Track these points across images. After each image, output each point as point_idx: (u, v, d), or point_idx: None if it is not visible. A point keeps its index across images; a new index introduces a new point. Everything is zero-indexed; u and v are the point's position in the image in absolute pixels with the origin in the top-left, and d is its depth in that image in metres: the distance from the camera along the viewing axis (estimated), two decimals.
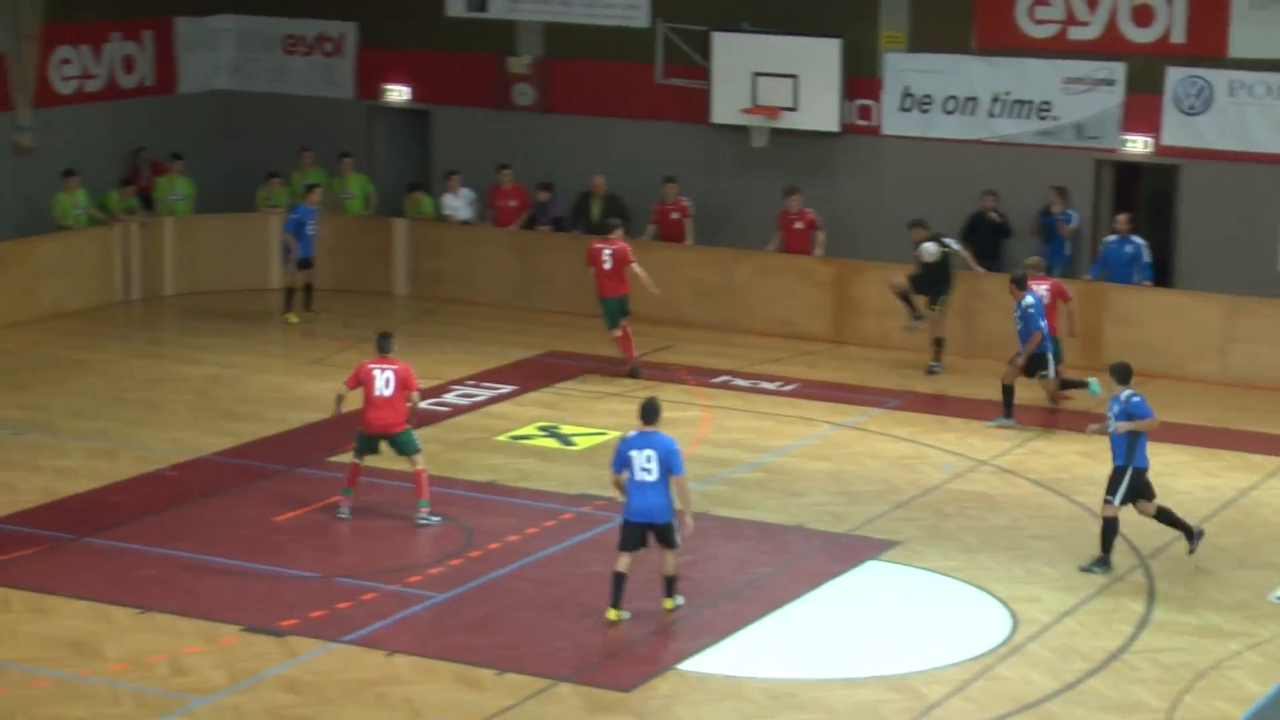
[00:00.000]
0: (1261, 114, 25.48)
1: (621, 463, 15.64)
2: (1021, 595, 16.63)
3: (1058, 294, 22.63)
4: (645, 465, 15.49)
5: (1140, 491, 17.23)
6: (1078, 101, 26.22)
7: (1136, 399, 17.29)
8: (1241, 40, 25.50)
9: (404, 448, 18.21)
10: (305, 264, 26.30)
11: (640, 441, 15.57)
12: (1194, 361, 24.36)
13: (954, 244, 24.64)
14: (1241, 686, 14.58)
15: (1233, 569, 17.38)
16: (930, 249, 23.55)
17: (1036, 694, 14.55)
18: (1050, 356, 21.94)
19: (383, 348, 18.44)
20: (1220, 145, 25.63)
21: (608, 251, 23.82)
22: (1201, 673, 14.82)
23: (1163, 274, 25.83)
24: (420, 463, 18.21)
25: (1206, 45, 25.69)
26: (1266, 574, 17.16)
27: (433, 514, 18.15)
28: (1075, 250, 26.13)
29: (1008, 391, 21.88)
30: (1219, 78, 25.59)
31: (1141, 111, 25.95)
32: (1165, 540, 18.07)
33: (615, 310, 23.71)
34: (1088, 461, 20.49)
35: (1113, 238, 25.11)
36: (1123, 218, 25.13)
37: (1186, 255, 25.94)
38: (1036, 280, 22.44)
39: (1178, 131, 25.87)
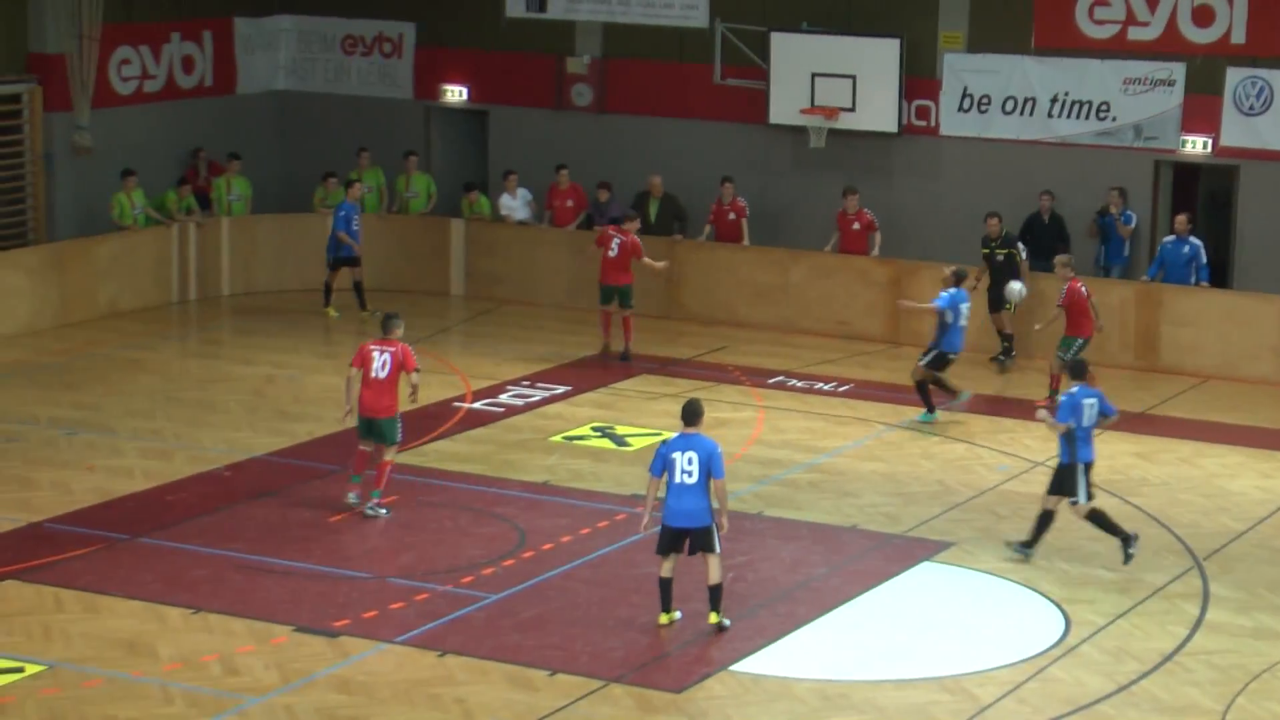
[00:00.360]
0: None
1: (661, 466, 15.49)
2: (1075, 597, 16.54)
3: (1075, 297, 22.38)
4: (686, 468, 15.37)
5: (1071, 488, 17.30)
6: (1137, 102, 26.07)
7: (1063, 398, 17.35)
8: None
9: (382, 435, 18.25)
10: (352, 261, 26.38)
11: (681, 444, 15.48)
12: (1250, 362, 24.18)
13: (1022, 249, 24.63)
14: None
15: None
16: (1015, 289, 22.93)
17: (1089, 695, 14.47)
18: (949, 355, 21.85)
19: (385, 327, 18.45)
20: (1279, 146, 25.44)
21: (617, 240, 24.06)
22: (1255, 674, 14.70)
23: (1220, 275, 25.66)
24: (389, 455, 18.26)
25: (1267, 46, 25.50)
26: None
27: (381, 506, 18.20)
28: (1133, 251, 26.00)
29: (921, 388, 21.92)
30: (1279, 79, 25.38)
31: (1201, 112, 25.78)
32: (1221, 542, 17.95)
33: (612, 295, 24.24)
34: (1142, 463, 20.39)
35: (1170, 239, 24.95)
36: (1181, 219, 24.97)
37: (1244, 256, 25.74)
38: (1068, 280, 22.40)
39: (1237, 132, 25.69)
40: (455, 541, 17.70)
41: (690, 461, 15.36)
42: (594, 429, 21.36)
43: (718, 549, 15.62)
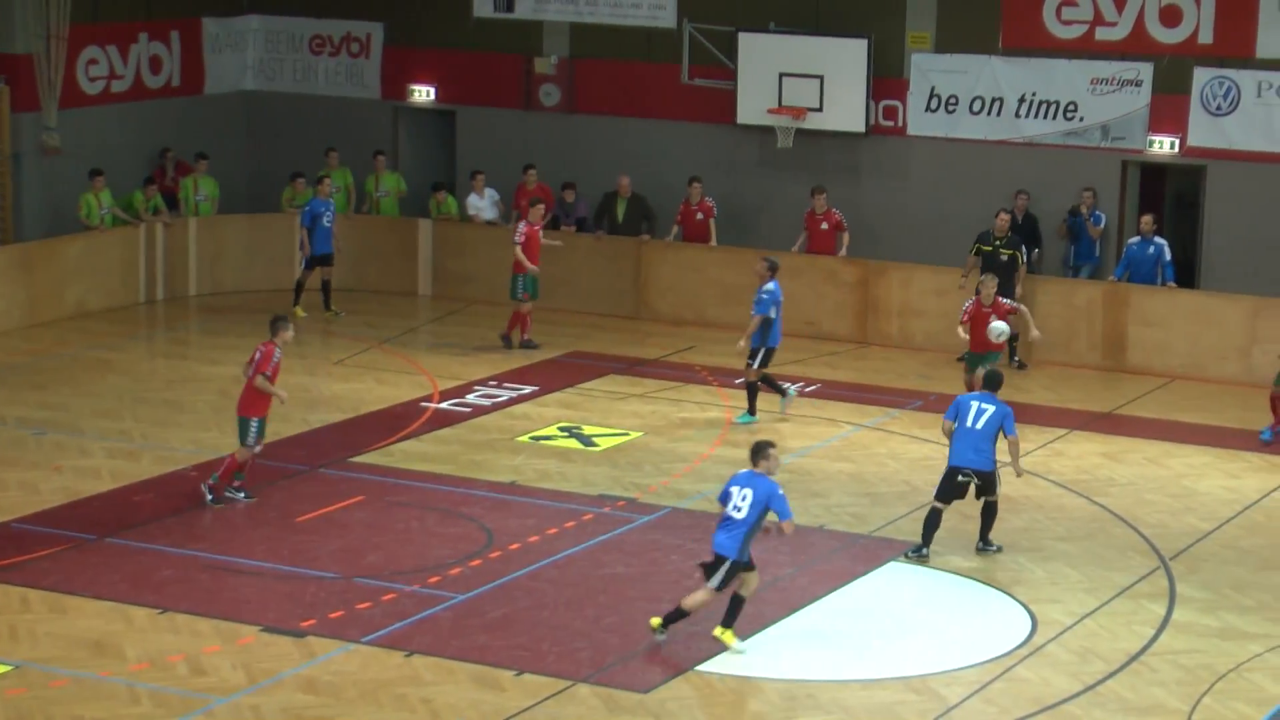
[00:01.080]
0: None
1: (724, 497, 15.34)
2: (1042, 597, 16.58)
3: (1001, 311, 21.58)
4: (738, 504, 15.15)
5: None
6: (1104, 102, 26.15)
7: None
8: (1269, 41, 25.41)
9: (238, 431, 18.36)
10: (325, 260, 26.36)
11: (744, 479, 15.27)
12: (1217, 363, 24.27)
13: (1025, 251, 24.62)
14: (1262, 689, 14.52)
15: (1255, 571, 17.31)
16: (996, 329, 21.21)
17: (1056, 695, 14.50)
18: (767, 351, 21.57)
19: (270, 328, 18.51)
20: (1247, 146, 25.54)
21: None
22: (1221, 675, 14.75)
23: (1187, 275, 25.75)
24: (240, 456, 18.25)
25: (1234, 46, 25.60)
26: None
27: (239, 490, 18.40)
28: (1102, 251, 26.07)
29: (751, 390, 21.79)
30: (1246, 78, 25.50)
31: (1168, 112, 25.87)
32: (1187, 542, 18.02)
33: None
34: (1109, 463, 20.46)
35: (1135, 239, 25.03)
36: (1146, 219, 25.05)
37: (1211, 256, 25.84)
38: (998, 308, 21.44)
39: (1204, 132, 25.79)
40: (422, 542, 17.68)
41: (744, 498, 15.15)
42: (561, 429, 21.35)
43: (716, 587, 15.26)
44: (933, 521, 17.52)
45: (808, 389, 23.33)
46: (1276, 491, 19.75)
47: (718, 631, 15.33)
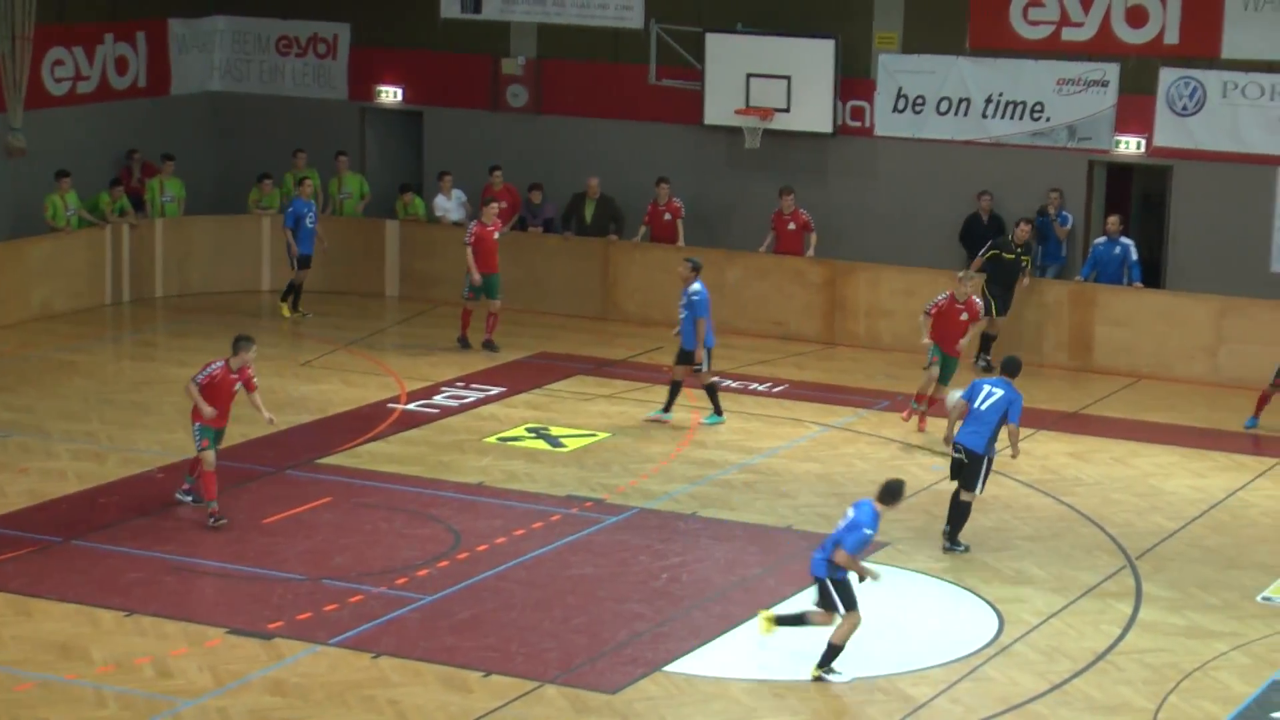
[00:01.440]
0: (1253, 115, 25.48)
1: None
2: (1009, 596, 16.61)
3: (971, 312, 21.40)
4: (840, 524, 14.97)
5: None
6: (1071, 102, 26.21)
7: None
8: (1234, 41, 25.50)
9: None
10: (304, 262, 26.34)
11: (858, 506, 15.00)
12: (1184, 362, 24.36)
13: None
14: (1228, 687, 14.56)
15: (1220, 570, 17.37)
16: (953, 397, 20.05)
17: (1023, 695, 14.53)
18: (708, 352, 21.43)
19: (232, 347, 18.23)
20: (1212, 146, 25.63)
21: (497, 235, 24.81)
22: (1187, 673, 14.80)
23: (1154, 275, 25.84)
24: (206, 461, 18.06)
25: (1199, 46, 25.68)
26: (1254, 574, 17.15)
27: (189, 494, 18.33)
28: (1069, 251, 26.14)
29: (710, 391, 21.73)
30: (1211, 79, 25.58)
31: (1134, 112, 25.95)
32: (1153, 541, 18.08)
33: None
34: (1076, 462, 20.51)
35: (1102, 239, 25.11)
36: (1113, 219, 25.14)
37: (1178, 256, 25.92)
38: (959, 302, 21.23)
39: (1170, 132, 25.87)
40: (390, 543, 17.65)
41: (844, 516, 15.00)
42: (528, 430, 21.33)
43: (837, 609, 14.95)
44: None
45: (775, 389, 23.36)
46: (1242, 490, 19.83)
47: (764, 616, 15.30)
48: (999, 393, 17.51)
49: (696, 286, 21.41)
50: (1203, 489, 19.80)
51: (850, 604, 14.82)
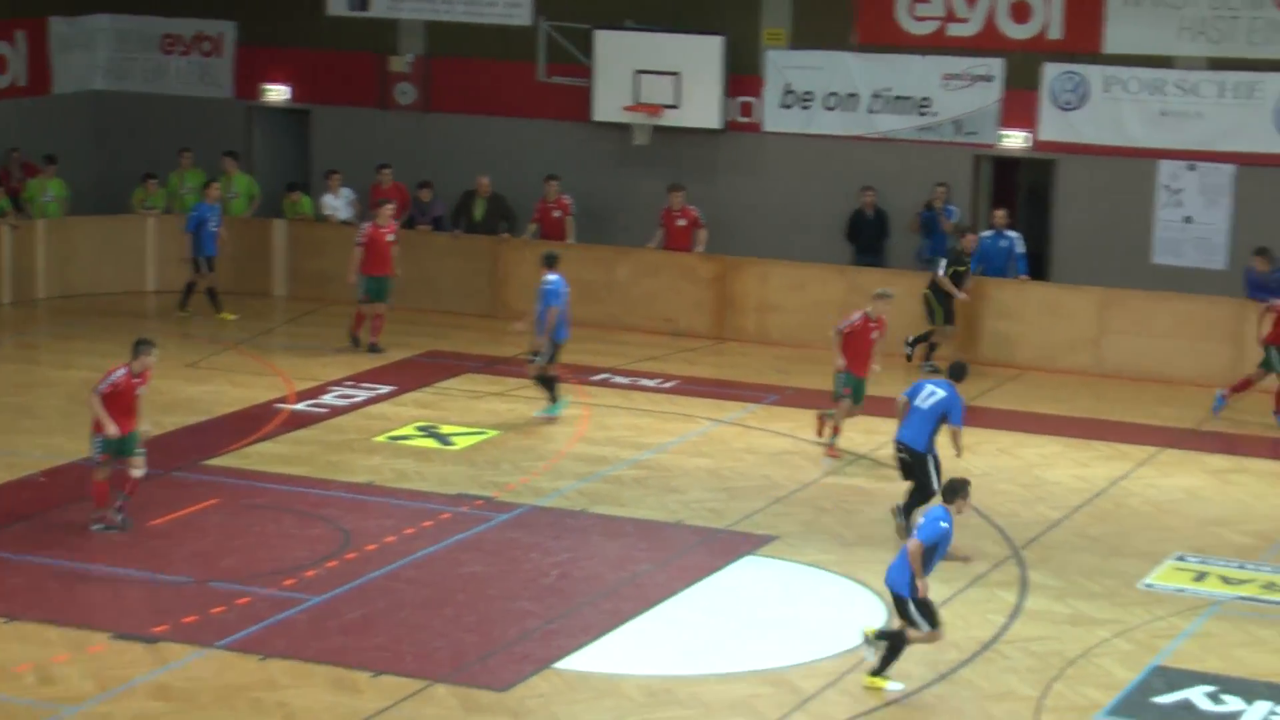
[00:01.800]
0: (1135, 109, 25.79)
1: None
2: None
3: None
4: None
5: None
6: (957, 97, 26.42)
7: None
8: (1116, 36, 25.80)
9: None
10: (207, 265, 26.12)
11: (930, 510, 14.79)
12: (1069, 354, 24.61)
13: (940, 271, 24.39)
14: (1110, 674, 14.72)
15: (1104, 558, 17.56)
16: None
17: (910, 684, 14.60)
18: (555, 344, 21.40)
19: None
20: (1095, 140, 25.92)
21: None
22: (1071, 660, 14.94)
23: (1039, 267, 26.09)
24: (137, 468, 17.76)
25: (1082, 41, 25.96)
26: (1136, 562, 17.35)
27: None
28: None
29: (545, 382, 21.64)
30: (1094, 73, 25.87)
31: (1019, 107, 26.19)
32: (1038, 531, 18.25)
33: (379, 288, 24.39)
34: (965, 454, 20.60)
35: (988, 232, 25.32)
36: (999, 213, 25.36)
37: (1062, 249, 26.19)
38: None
39: (1054, 126, 26.13)
40: (278, 544, 17.51)
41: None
42: (418, 428, 21.25)
43: (911, 620, 14.58)
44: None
45: (665, 385, 23.39)
46: (1124, 480, 20.06)
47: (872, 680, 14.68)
48: (941, 393, 17.62)
49: (550, 278, 21.41)
50: (1087, 478, 20.01)
51: (934, 621, 14.39)
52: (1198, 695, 14.18)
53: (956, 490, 14.64)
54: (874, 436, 20.95)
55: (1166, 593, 16.58)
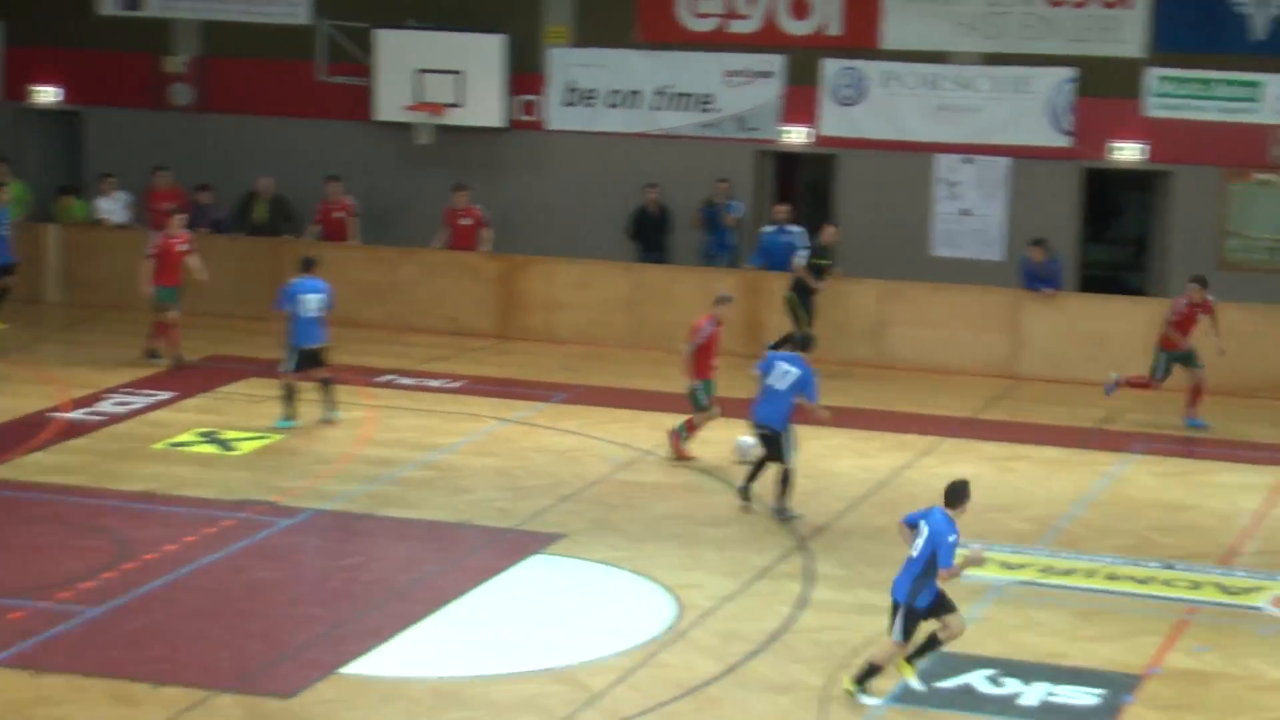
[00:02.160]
0: (913, 103, 26.16)
1: (911, 521, 14.28)
2: (686, 582, 16.71)
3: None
4: (917, 540, 13.99)
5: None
6: (738, 94, 26.60)
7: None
8: (893, 32, 26.14)
9: None
10: (7, 270, 25.41)
11: (931, 516, 14.02)
12: (848, 346, 24.85)
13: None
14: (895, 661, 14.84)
15: (888, 547, 17.65)
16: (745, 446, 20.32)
17: (699, 678, 14.62)
18: (296, 350, 21.05)
19: None
20: (875, 134, 26.24)
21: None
22: (856, 649, 15.04)
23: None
24: None
25: (860, 37, 26.27)
26: None
27: None
28: (741, 241, 26.51)
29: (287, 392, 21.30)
30: (873, 69, 26.19)
31: (800, 103, 26.44)
32: (823, 521, 18.39)
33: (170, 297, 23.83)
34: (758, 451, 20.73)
35: (770, 228, 25.51)
36: (781, 208, 25.57)
37: (844, 242, 26.42)
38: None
39: (835, 122, 26.41)
40: (52, 556, 17.04)
41: (921, 535, 13.95)
42: (199, 434, 20.86)
43: (896, 639, 14.08)
44: (755, 467, 18.57)
45: (452, 385, 23.23)
46: (907, 469, 20.30)
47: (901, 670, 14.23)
48: (795, 371, 18.15)
49: (292, 281, 21.20)
50: (870, 469, 20.22)
51: (909, 632, 13.98)
52: (978, 679, 14.36)
53: (961, 495, 13.97)
54: (660, 432, 20.97)
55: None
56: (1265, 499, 19.56)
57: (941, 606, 13.90)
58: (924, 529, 13.84)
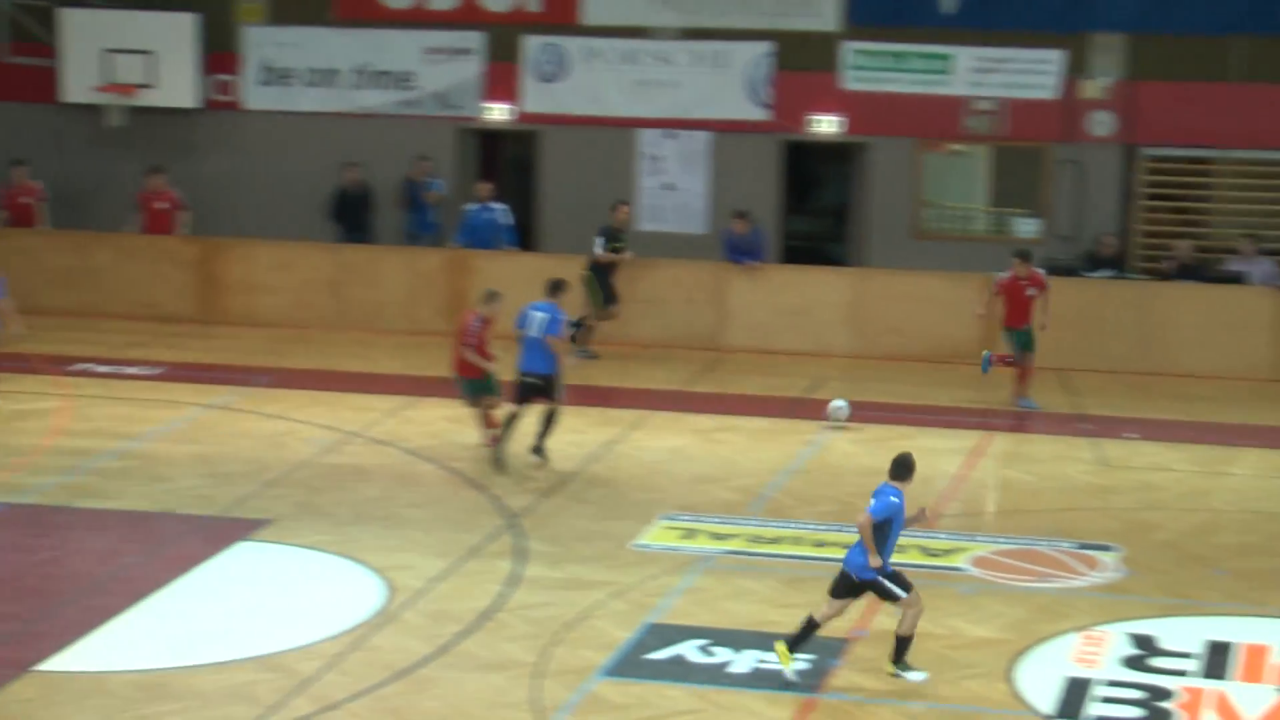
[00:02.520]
0: (614, 79, 26.23)
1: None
2: (395, 564, 16.50)
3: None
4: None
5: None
6: (439, 71, 26.41)
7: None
8: (593, 7, 26.17)
9: None
10: None
11: (879, 491, 13.67)
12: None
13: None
14: (606, 634, 14.83)
15: (597, 521, 17.74)
16: (839, 408, 21.12)
17: (410, 660, 14.43)
18: None
19: None
20: (577, 110, 26.25)
21: None
22: (569, 624, 15.00)
23: (527, 238, 26.28)
24: None
25: (560, 13, 26.24)
26: (628, 524, 17.56)
27: None
28: (446, 219, 26.32)
29: None
30: (573, 45, 26.17)
31: (502, 79, 26.34)
32: (533, 499, 18.32)
33: None
34: (456, 427, 20.58)
35: (474, 205, 25.38)
36: (483, 186, 25.45)
37: (550, 219, 26.45)
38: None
39: (537, 98, 26.36)
40: None
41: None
42: None
43: (892, 593, 13.70)
44: (510, 423, 18.99)
45: (151, 372, 22.68)
46: (618, 444, 20.34)
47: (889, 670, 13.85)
48: (545, 315, 19.03)
49: None
50: (580, 444, 20.20)
51: (906, 586, 13.68)
52: (689, 649, 14.41)
53: (907, 467, 13.77)
54: (365, 414, 20.71)
55: (659, 552, 16.84)
56: (963, 462, 20.02)
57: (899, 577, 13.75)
58: (870, 502, 13.59)
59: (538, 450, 19.11)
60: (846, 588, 13.79)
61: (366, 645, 14.73)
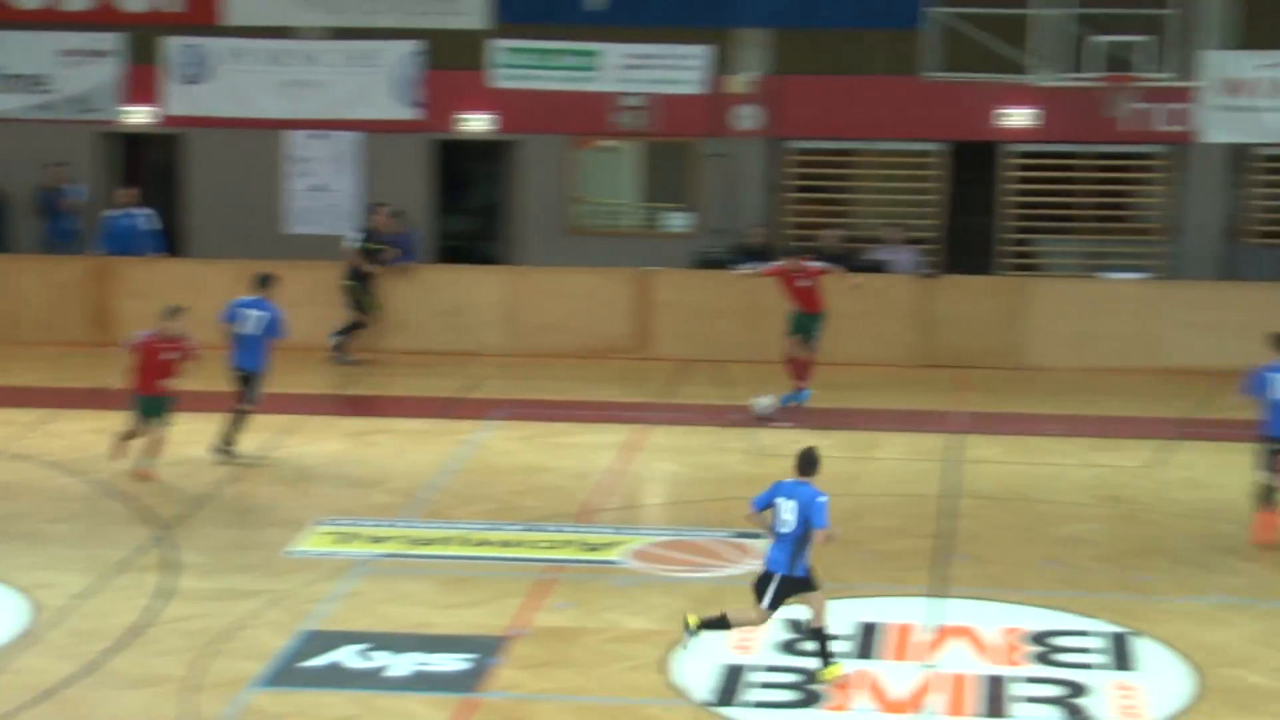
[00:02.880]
0: (260, 80, 25.78)
1: (761, 503, 13.78)
2: (39, 582, 15.90)
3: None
4: (785, 516, 13.55)
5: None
6: (75, 74, 25.67)
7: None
8: (236, 7, 25.69)
9: None
10: None
11: (787, 489, 13.66)
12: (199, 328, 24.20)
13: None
14: (262, 643, 14.50)
15: (251, 529, 17.41)
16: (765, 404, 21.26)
17: (55, 680, 13.91)
18: None
19: None
20: (222, 112, 25.72)
21: None
22: (224, 635, 14.64)
23: (176, 243, 25.69)
24: None
25: (201, 14, 25.69)
26: (284, 531, 17.23)
27: None
28: (86, 226, 25.59)
29: None
30: (217, 46, 25.65)
31: (143, 82, 25.70)
32: (186, 510, 17.88)
33: None
34: (101, 440, 19.91)
35: (116, 212, 24.71)
36: (125, 191, 24.85)
37: (196, 222, 25.90)
38: None
39: (180, 100, 25.79)
40: None
41: (790, 510, 13.58)
42: None
43: (815, 585, 13.78)
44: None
45: None
46: (274, 451, 19.95)
47: (824, 674, 13.67)
48: (265, 314, 19.33)
49: None
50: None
51: (778, 603, 13.75)
52: (348, 655, 14.18)
53: (815, 462, 13.91)
54: (4, 428, 19.98)
55: (315, 557, 16.56)
56: (618, 456, 20.13)
57: (812, 582, 13.76)
58: (787, 502, 13.64)
59: (225, 449, 19.09)
60: (791, 586, 13.70)
61: (10, 668, 14.19)
